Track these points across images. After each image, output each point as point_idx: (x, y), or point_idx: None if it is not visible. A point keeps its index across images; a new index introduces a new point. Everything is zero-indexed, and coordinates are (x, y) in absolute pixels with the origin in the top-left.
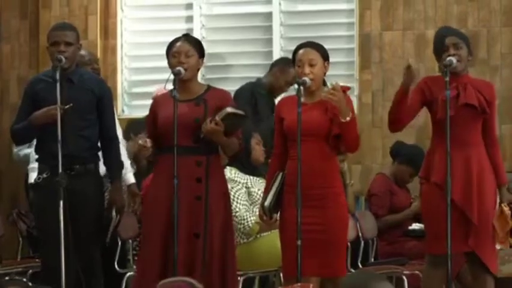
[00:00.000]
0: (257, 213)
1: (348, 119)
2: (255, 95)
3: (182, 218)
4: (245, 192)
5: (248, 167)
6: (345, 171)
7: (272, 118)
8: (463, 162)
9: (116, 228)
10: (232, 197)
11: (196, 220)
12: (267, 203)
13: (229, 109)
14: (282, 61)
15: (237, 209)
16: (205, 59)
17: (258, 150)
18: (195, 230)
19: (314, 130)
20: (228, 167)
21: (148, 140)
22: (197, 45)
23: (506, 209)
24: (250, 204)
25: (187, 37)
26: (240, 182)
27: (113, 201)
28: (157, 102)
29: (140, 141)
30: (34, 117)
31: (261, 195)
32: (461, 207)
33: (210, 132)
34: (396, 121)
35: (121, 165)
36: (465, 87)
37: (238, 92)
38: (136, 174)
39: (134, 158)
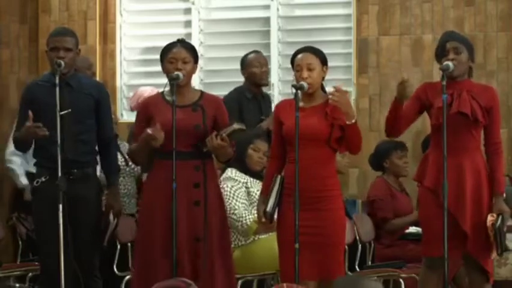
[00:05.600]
0: (255, 213)
1: (353, 121)
2: (241, 101)
3: (182, 223)
4: (245, 191)
5: (245, 172)
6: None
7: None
8: (456, 168)
9: (114, 232)
10: (232, 194)
11: (195, 224)
12: (268, 208)
13: (235, 125)
14: (242, 61)
15: (236, 207)
16: (203, 64)
17: (253, 158)
18: (196, 234)
19: (314, 135)
20: (228, 168)
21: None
22: (192, 51)
23: (490, 218)
24: (249, 205)
25: (183, 43)
26: (240, 181)
27: (111, 205)
28: (149, 105)
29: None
30: (20, 134)
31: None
32: (452, 213)
33: (215, 148)
34: (393, 128)
35: (118, 169)
36: (460, 94)
37: (224, 101)
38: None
39: (133, 159)
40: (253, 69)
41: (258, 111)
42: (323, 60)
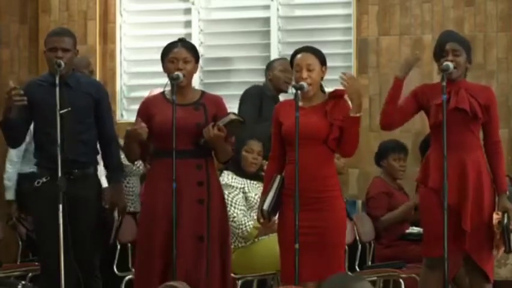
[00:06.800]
0: (255, 217)
1: (357, 115)
2: (262, 98)
3: (186, 222)
4: (242, 197)
5: (241, 175)
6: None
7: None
8: (458, 166)
9: (119, 230)
10: (230, 202)
11: (199, 223)
12: (265, 206)
13: (232, 115)
14: (268, 64)
15: (235, 214)
16: (203, 64)
17: (248, 159)
18: (199, 233)
19: (312, 134)
20: (224, 172)
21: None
22: (193, 51)
23: (495, 216)
24: (248, 209)
25: (184, 42)
26: (237, 187)
27: (115, 202)
28: (149, 104)
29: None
30: (2, 115)
31: (258, 199)
32: (456, 210)
33: (212, 138)
34: (389, 119)
35: (121, 166)
36: (457, 91)
37: (244, 94)
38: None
39: (127, 157)
40: (278, 73)
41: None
42: (322, 60)
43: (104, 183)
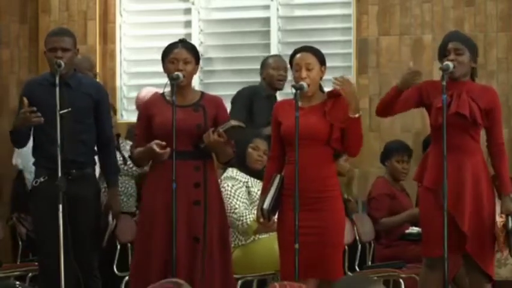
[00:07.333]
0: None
1: (357, 115)
2: (253, 99)
3: (181, 223)
4: (245, 190)
5: (245, 171)
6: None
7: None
8: (455, 169)
9: (113, 233)
10: (233, 194)
11: (195, 225)
12: (265, 206)
13: (233, 122)
14: (262, 63)
15: (236, 206)
16: (203, 64)
17: (253, 156)
18: (194, 234)
19: (311, 134)
20: (229, 168)
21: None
22: (194, 52)
23: (500, 219)
24: (250, 204)
25: (185, 43)
26: (241, 181)
27: (110, 205)
28: (149, 105)
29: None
30: (13, 125)
31: None
32: (451, 213)
33: (212, 143)
34: (384, 111)
35: (117, 169)
36: (459, 95)
37: (236, 95)
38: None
39: (135, 163)
40: (270, 71)
41: (269, 112)
42: (322, 60)
43: None
